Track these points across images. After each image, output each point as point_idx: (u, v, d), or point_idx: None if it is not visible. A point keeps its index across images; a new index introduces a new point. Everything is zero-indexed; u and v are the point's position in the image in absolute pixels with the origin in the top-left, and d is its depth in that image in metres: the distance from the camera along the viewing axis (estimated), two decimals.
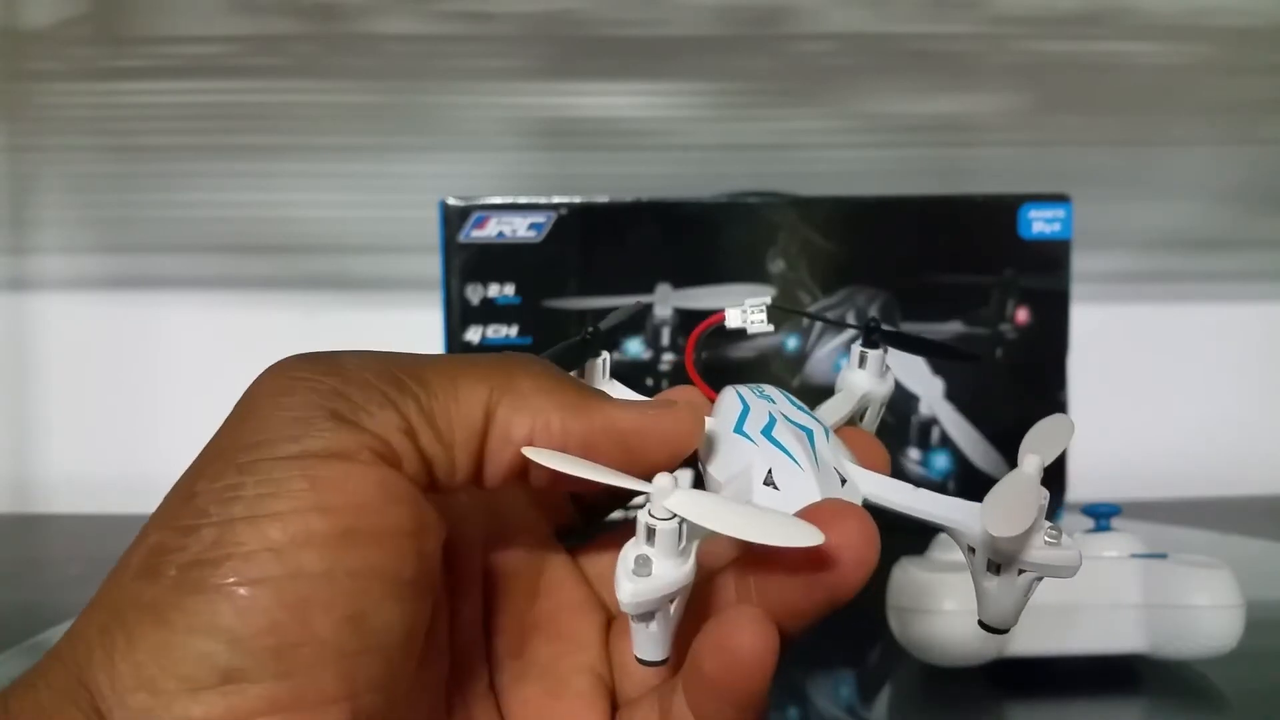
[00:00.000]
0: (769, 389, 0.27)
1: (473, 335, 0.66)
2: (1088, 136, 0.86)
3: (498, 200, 0.66)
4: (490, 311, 0.66)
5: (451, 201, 0.67)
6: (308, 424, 0.20)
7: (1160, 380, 0.87)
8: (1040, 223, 0.68)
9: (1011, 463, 0.22)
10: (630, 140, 0.85)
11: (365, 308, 0.84)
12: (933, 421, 0.69)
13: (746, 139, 0.85)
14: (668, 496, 0.21)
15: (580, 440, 0.22)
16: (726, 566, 0.24)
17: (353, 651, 0.19)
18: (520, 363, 0.23)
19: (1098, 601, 0.43)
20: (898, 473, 0.69)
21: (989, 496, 0.23)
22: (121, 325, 0.85)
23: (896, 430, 0.68)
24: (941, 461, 0.69)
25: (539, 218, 0.66)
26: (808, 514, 0.22)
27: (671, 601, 0.21)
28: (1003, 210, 0.68)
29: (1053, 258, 0.69)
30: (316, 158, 0.85)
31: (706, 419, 0.25)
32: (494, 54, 0.85)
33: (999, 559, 0.24)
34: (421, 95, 0.85)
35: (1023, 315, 0.68)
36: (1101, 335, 0.76)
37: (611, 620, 0.26)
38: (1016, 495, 0.23)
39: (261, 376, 0.22)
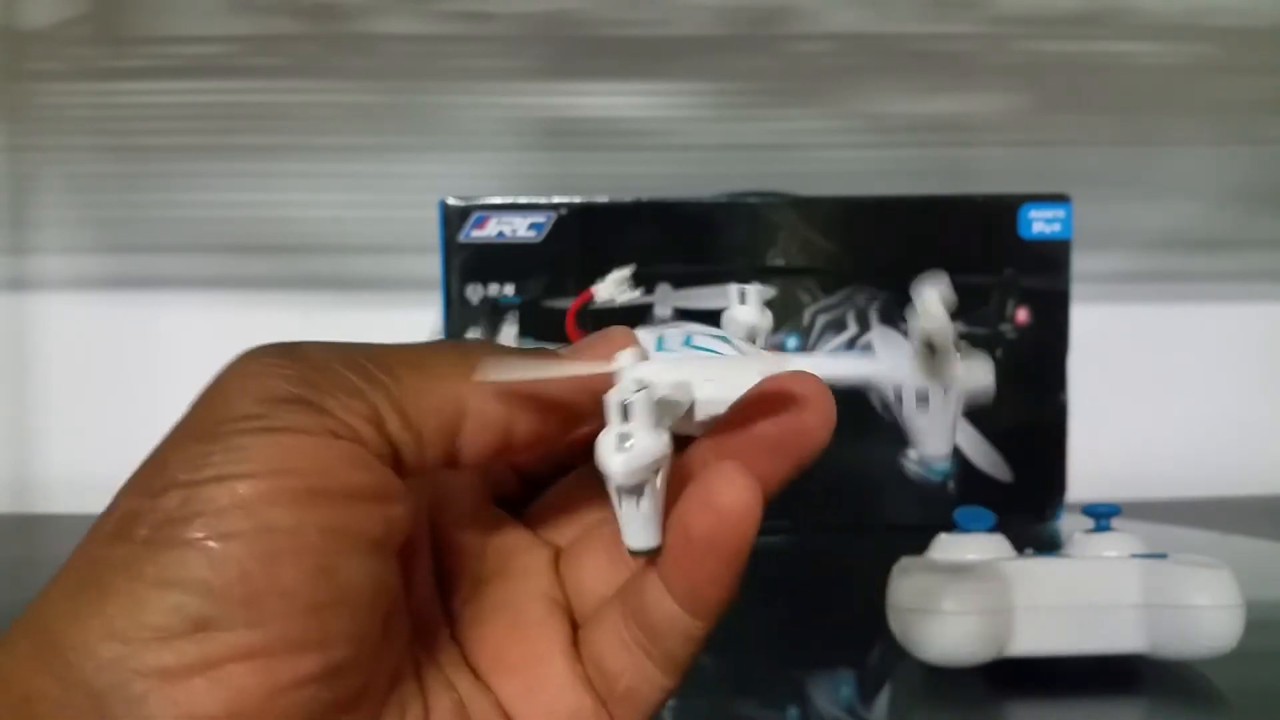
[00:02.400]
0: (681, 325, 0.28)
1: (473, 335, 0.66)
2: (1088, 136, 0.86)
3: (498, 200, 0.66)
4: (490, 311, 0.66)
5: (451, 201, 0.67)
6: (274, 405, 0.21)
7: (1160, 380, 0.87)
8: (1040, 223, 0.68)
9: (1011, 462, 0.23)
10: (630, 140, 0.85)
11: (365, 308, 0.84)
12: None
13: (746, 139, 0.85)
14: (635, 369, 0.22)
15: (555, 401, 0.23)
16: (697, 444, 0.24)
17: (322, 604, 0.20)
18: (486, 349, 0.24)
19: (1098, 601, 0.43)
20: (899, 475, 0.69)
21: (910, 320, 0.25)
22: (121, 325, 0.85)
23: (896, 430, 0.68)
24: (941, 461, 0.69)
25: (539, 218, 0.66)
26: (765, 383, 0.23)
27: (657, 473, 0.22)
28: (1003, 210, 0.68)
29: (1053, 258, 0.68)
30: (316, 158, 0.85)
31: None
32: (494, 54, 0.85)
33: (924, 385, 0.25)
34: (421, 95, 0.85)
35: (1023, 315, 0.68)
36: (1101, 335, 0.76)
37: (559, 553, 0.27)
38: (925, 309, 0.25)
39: (231, 364, 0.22)
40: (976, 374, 0.26)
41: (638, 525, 0.23)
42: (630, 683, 0.24)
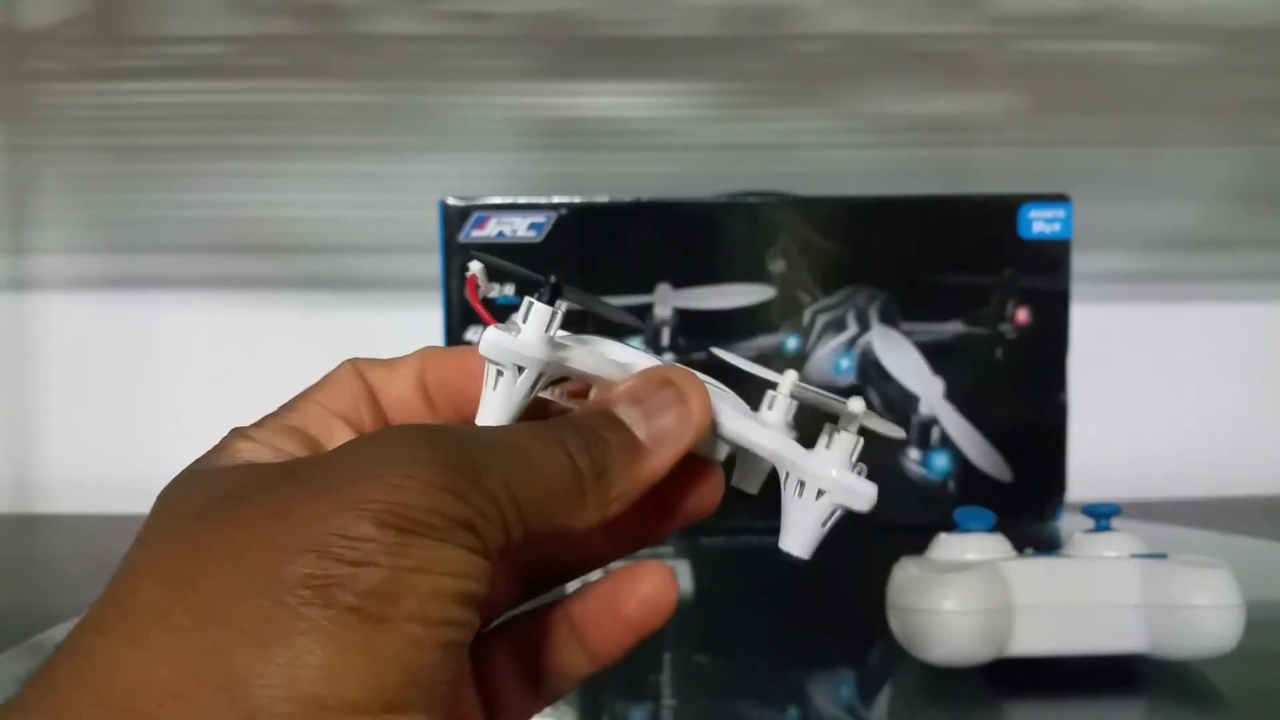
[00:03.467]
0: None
1: (473, 335, 0.66)
2: (1088, 136, 0.86)
3: (498, 200, 0.66)
4: (490, 312, 0.66)
5: (451, 201, 0.67)
6: (450, 523, 0.22)
7: (1160, 380, 0.87)
8: (1040, 223, 0.68)
9: (1012, 462, 0.23)
10: (630, 140, 0.85)
11: (365, 308, 0.84)
12: (933, 421, 0.69)
13: (746, 139, 0.85)
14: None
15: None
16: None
17: (457, 696, 0.22)
18: (594, 471, 0.25)
19: (1098, 601, 0.43)
20: (899, 475, 0.69)
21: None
22: (121, 325, 0.85)
23: None
24: (941, 461, 0.69)
25: (539, 218, 0.66)
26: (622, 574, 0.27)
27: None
28: (1003, 210, 0.68)
29: (1053, 258, 0.69)
30: (316, 158, 0.85)
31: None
32: (494, 54, 0.85)
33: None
34: (421, 95, 0.85)
35: (1023, 315, 0.68)
36: (1101, 335, 0.76)
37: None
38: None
39: (402, 447, 0.22)
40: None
41: (810, 538, 0.27)
42: (518, 710, 0.27)
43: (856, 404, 0.28)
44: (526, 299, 0.25)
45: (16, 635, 0.46)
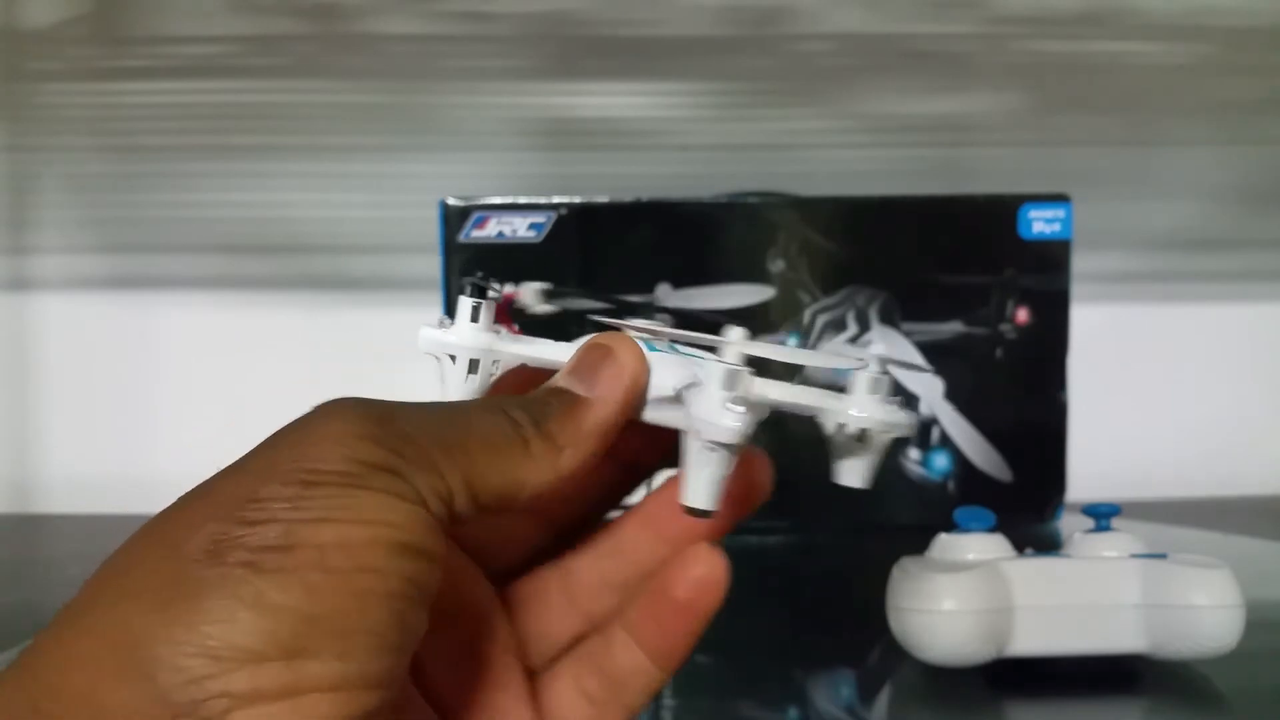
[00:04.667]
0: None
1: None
2: (1088, 136, 0.86)
3: (498, 200, 0.66)
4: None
5: (451, 201, 0.67)
6: (367, 468, 0.22)
7: (1160, 380, 0.87)
8: (1040, 223, 0.68)
9: (1012, 462, 0.23)
10: (630, 140, 0.85)
11: (365, 308, 0.84)
12: (933, 421, 0.69)
13: (746, 139, 0.85)
14: (743, 345, 0.26)
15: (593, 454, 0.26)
16: (650, 500, 0.28)
17: (394, 646, 0.21)
18: (531, 411, 0.26)
19: (1098, 601, 0.43)
20: (899, 475, 0.69)
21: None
22: (121, 325, 0.85)
23: None
24: (941, 461, 0.69)
25: (539, 218, 0.66)
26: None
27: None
28: (1003, 210, 0.68)
29: (1053, 258, 0.69)
30: (316, 158, 0.85)
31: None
32: (494, 54, 0.85)
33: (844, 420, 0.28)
34: (421, 95, 0.85)
35: (1023, 315, 0.68)
36: (1101, 335, 0.76)
37: (504, 596, 0.29)
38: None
39: (319, 414, 0.23)
40: (894, 419, 0.29)
41: (707, 487, 0.25)
42: None
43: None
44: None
45: (16, 635, 0.46)
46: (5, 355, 0.86)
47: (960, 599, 0.42)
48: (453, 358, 0.28)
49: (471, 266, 0.66)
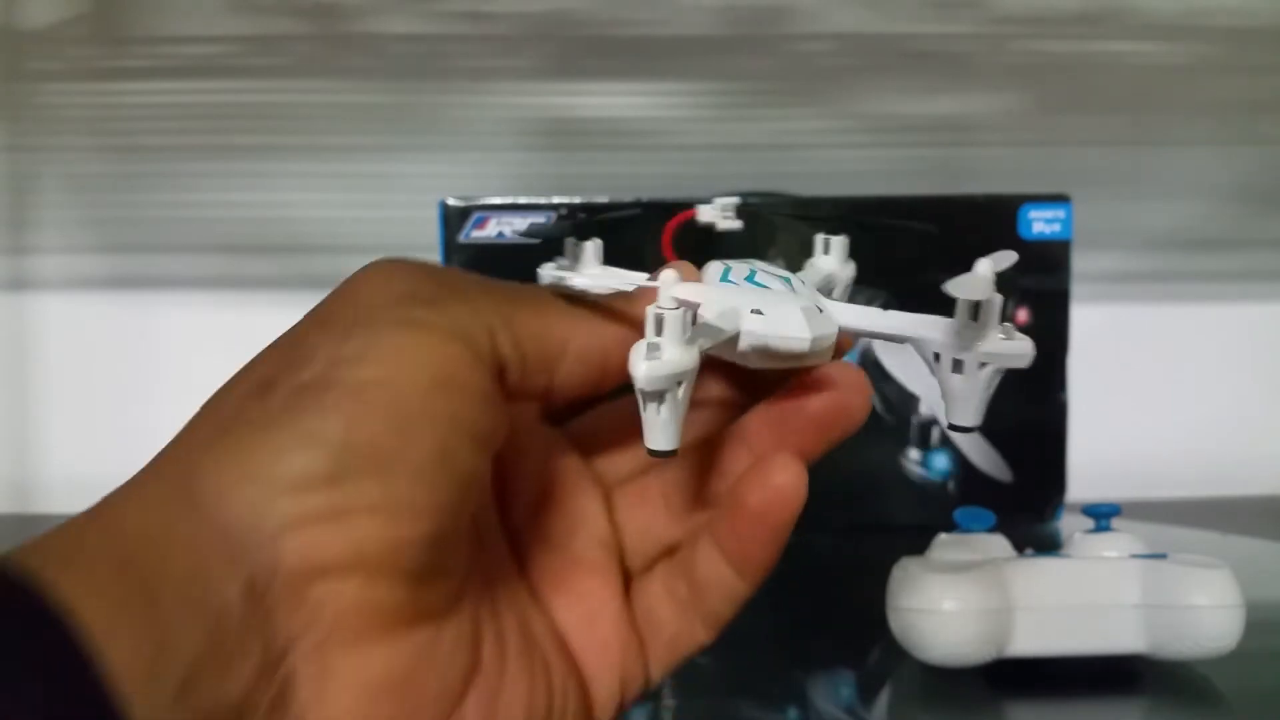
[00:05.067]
0: (749, 261, 0.30)
1: None
2: (1088, 136, 0.86)
3: (498, 200, 0.66)
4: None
5: (451, 201, 0.67)
6: (409, 304, 0.23)
7: (1160, 380, 0.87)
8: (1040, 223, 0.68)
9: (1011, 462, 0.23)
10: (630, 140, 0.85)
11: None
12: (933, 421, 0.69)
13: (746, 139, 0.85)
14: (673, 287, 0.25)
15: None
16: (756, 412, 0.28)
17: (439, 478, 0.22)
18: (583, 301, 0.27)
19: (1098, 601, 0.43)
20: (899, 475, 0.69)
21: (952, 283, 0.29)
22: (121, 325, 0.85)
23: (896, 430, 0.68)
24: (941, 461, 0.69)
25: (539, 218, 0.66)
26: (811, 377, 0.27)
27: (679, 385, 0.24)
28: (1003, 210, 0.68)
29: (1053, 258, 0.68)
30: (316, 158, 0.85)
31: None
32: (494, 54, 0.85)
33: (962, 355, 0.29)
34: (421, 95, 0.85)
35: (1023, 315, 0.69)
36: (1101, 335, 0.76)
37: (609, 495, 0.29)
38: (975, 280, 0.29)
39: (368, 267, 0.25)
40: (1015, 351, 0.28)
41: (657, 430, 0.25)
42: (674, 632, 0.28)
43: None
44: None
45: None
46: (5, 355, 0.86)
47: (960, 599, 0.42)
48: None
49: (471, 267, 0.66)
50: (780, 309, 0.27)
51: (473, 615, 0.25)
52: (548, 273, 0.29)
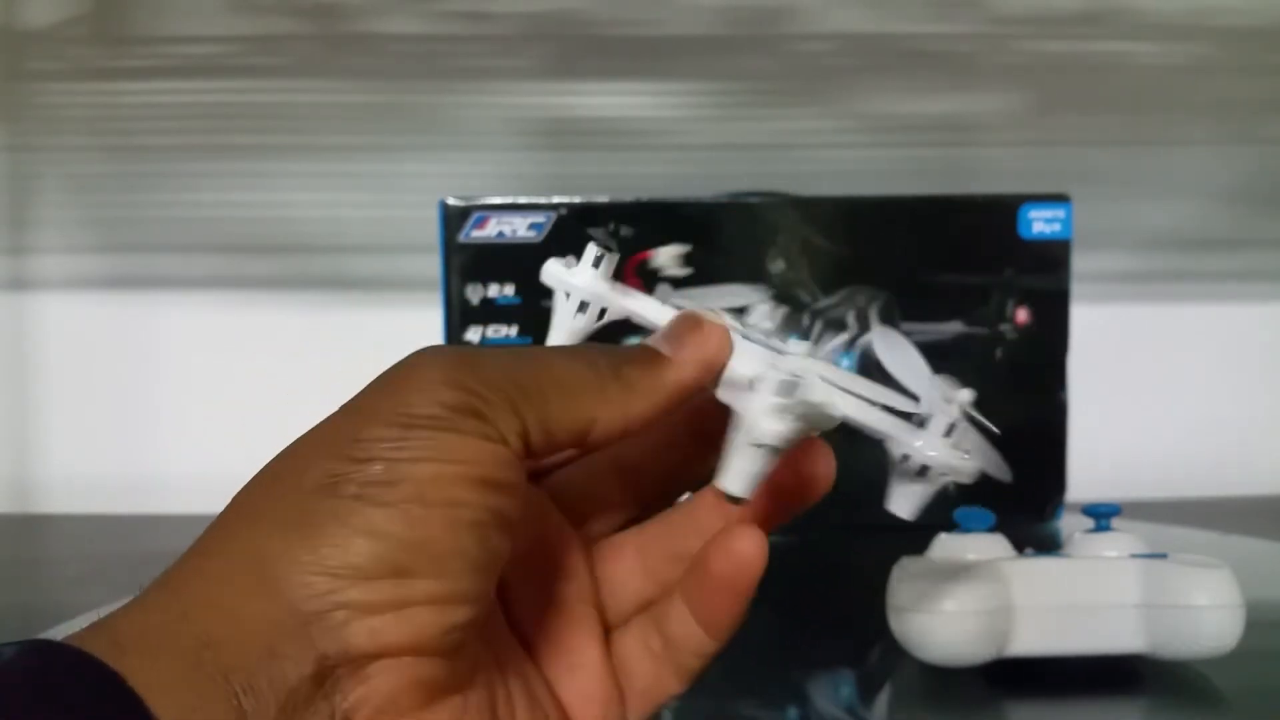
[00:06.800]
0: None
1: (473, 335, 0.66)
2: (1088, 136, 0.86)
3: (498, 200, 0.66)
4: (490, 311, 0.66)
5: (451, 201, 0.67)
6: (454, 411, 0.25)
7: (1160, 380, 0.87)
8: (1040, 223, 0.68)
9: (1011, 462, 0.24)
10: (630, 140, 0.85)
11: (365, 308, 0.84)
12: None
13: (746, 139, 0.85)
14: (802, 361, 0.28)
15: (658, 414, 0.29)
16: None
17: (481, 566, 0.25)
18: (614, 362, 0.28)
19: (1098, 601, 0.43)
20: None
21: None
22: (121, 325, 0.85)
23: None
24: None
25: (539, 218, 0.66)
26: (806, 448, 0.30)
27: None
28: (1003, 210, 0.68)
29: (1053, 258, 0.69)
30: (316, 158, 0.85)
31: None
32: (494, 54, 0.85)
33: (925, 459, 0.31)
34: (421, 95, 0.85)
35: (1023, 315, 0.69)
36: (1101, 335, 0.76)
37: (588, 550, 0.31)
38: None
39: (412, 363, 0.26)
40: (961, 468, 0.30)
41: (747, 478, 0.27)
42: (648, 684, 0.30)
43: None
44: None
45: (16, 635, 0.46)
46: (5, 355, 0.86)
47: (960, 599, 0.42)
48: (567, 295, 0.31)
49: (471, 266, 0.66)
50: (872, 404, 0.30)
51: (487, 680, 0.27)
52: (554, 269, 0.32)
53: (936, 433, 0.30)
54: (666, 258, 0.34)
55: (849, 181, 0.79)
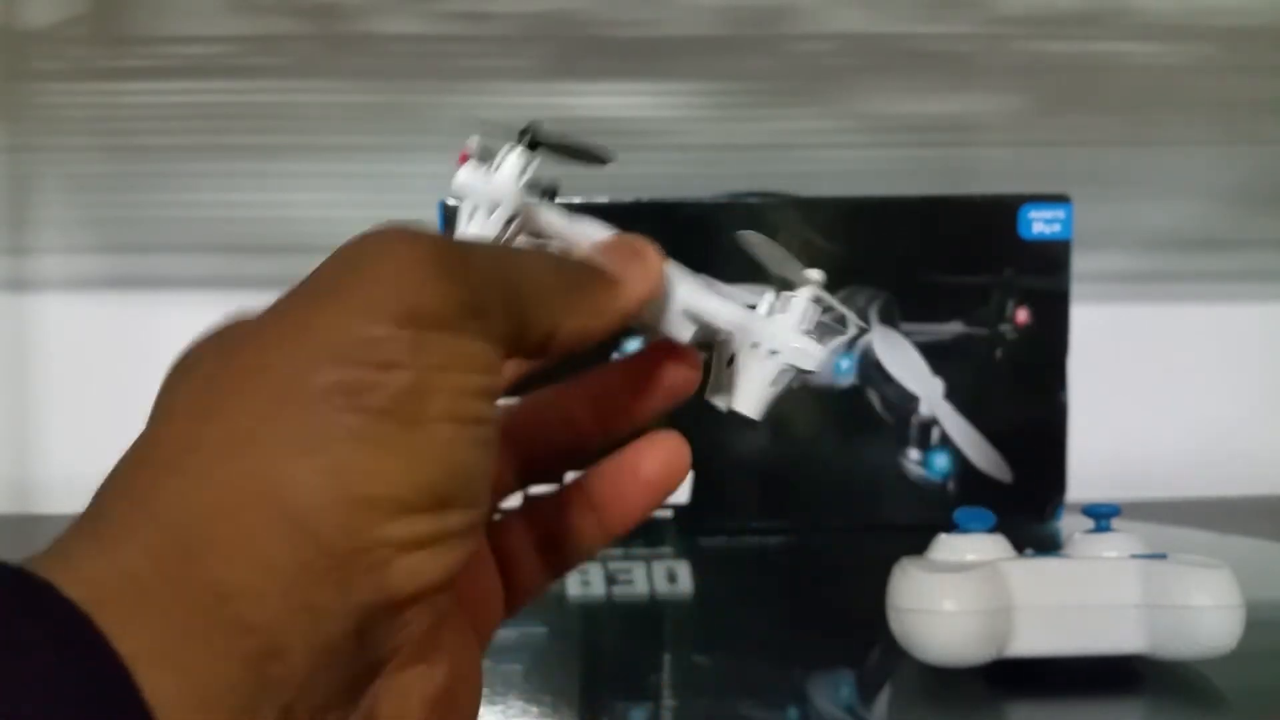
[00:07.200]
0: None
1: None
2: (1088, 136, 0.86)
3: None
4: None
5: (451, 202, 0.67)
6: (464, 310, 0.22)
7: (1160, 380, 0.87)
8: (1040, 223, 0.68)
9: (1011, 462, 0.23)
10: (630, 140, 0.85)
11: None
12: (933, 421, 0.69)
13: (746, 139, 0.85)
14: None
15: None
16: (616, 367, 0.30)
17: (490, 491, 0.23)
18: (576, 281, 0.26)
19: (1098, 601, 0.43)
20: (899, 475, 0.69)
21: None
22: (121, 325, 0.85)
23: (896, 430, 0.68)
24: (941, 461, 0.69)
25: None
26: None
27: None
28: (1003, 210, 0.68)
29: (1053, 258, 0.69)
30: (316, 158, 0.85)
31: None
32: (494, 54, 0.85)
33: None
34: (421, 95, 0.85)
35: (1023, 315, 0.68)
36: (1101, 335, 0.76)
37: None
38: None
39: (391, 246, 0.22)
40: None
41: (764, 401, 0.28)
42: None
43: (815, 273, 0.30)
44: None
45: None
46: (5, 355, 0.86)
47: (960, 599, 0.42)
48: (492, 209, 0.29)
49: None
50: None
51: (474, 642, 0.26)
52: (470, 180, 0.30)
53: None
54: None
55: (849, 181, 0.79)
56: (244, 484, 0.19)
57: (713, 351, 0.29)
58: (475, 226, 0.28)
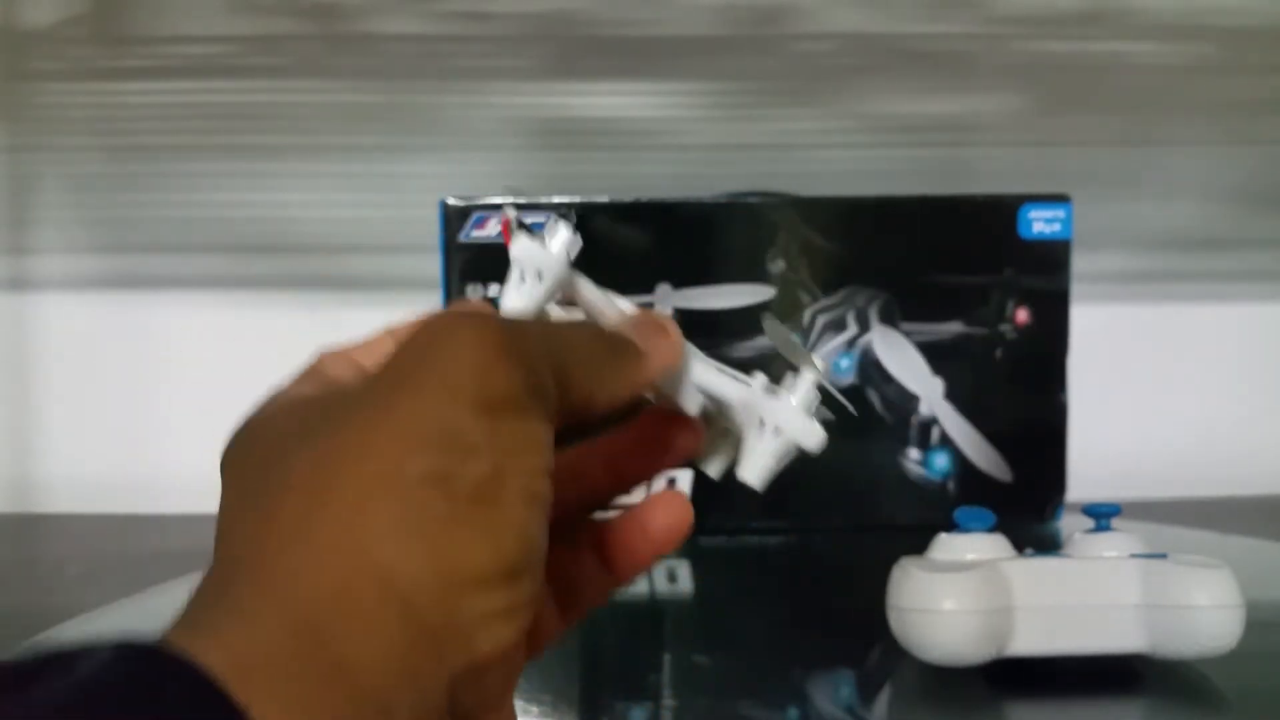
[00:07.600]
0: None
1: None
2: (1088, 136, 0.86)
3: (498, 200, 0.66)
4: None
5: (451, 201, 0.67)
6: (528, 394, 0.24)
7: (1160, 380, 0.87)
8: (1040, 223, 0.68)
9: (1011, 462, 0.23)
10: (630, 140, 0.85)
11: (365, 308, 0.84)
12: (933, 421, 0.69)
13: (746, 139, 0.85)
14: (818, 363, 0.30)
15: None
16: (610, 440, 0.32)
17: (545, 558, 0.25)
18: (611, 351, 0.28)
19: (1098, 601, 0.43)
20: (899, 475, 0.69)
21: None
22: (121, 325, 0.85)
23: (896, 430, 0.68)
24: (941, 461, 0.69)
25: (539, 218, 0.66)
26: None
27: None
28: (1003, 210, 0.68)
29: (1053, 258, 0.68)
30: (316, 158, 0.85)
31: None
32: (494, 54, 0.85)
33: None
34: (421, 95, 0.85)
35: (1023, 315, 0.68)
36: (1101, 335, 0.76)
37: None
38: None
39: (458, 335, 0.24)
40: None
41: (768, 473, 0.30)
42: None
43: (819, 360, 0.31)
44: (555, 218, 0.29)
45: (16, 635, 0.46)
46: (5, 355, 0.86)
47: (960, 599, 0.42)
48: (540, 276, 0.31)
49: (471, 266, 0.66)
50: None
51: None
52: (529, 247, 0.31)
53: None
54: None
55: (849, 182, 0.79)
56: (356, 565, 0.22)
57: (708, 423, 0.31)
58: (525, 291, 0.31)
